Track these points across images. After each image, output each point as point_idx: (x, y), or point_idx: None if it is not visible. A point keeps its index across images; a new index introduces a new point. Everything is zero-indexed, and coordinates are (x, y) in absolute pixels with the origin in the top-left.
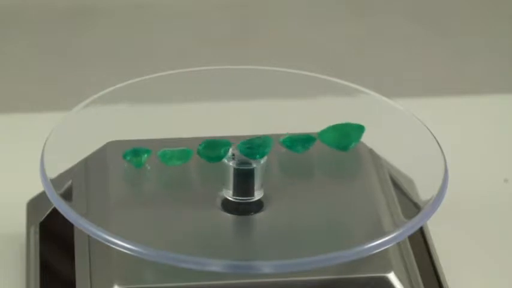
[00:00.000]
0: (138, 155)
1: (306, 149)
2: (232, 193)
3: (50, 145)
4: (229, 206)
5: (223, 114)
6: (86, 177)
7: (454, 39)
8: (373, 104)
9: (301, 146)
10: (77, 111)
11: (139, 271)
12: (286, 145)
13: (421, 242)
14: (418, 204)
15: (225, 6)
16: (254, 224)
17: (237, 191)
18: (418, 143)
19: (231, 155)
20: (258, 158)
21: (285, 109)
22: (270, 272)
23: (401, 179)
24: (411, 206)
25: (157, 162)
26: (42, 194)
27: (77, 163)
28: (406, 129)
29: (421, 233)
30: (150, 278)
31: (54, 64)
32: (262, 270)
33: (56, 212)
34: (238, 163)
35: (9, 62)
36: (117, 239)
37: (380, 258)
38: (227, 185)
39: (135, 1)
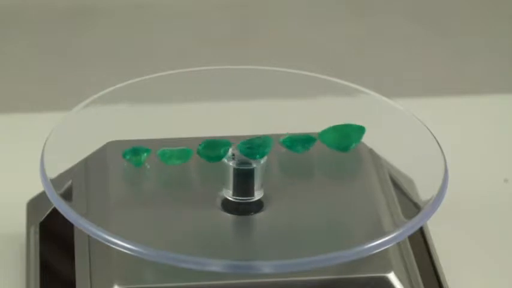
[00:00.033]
0: (138, 154)
1: (306, 149)
2: (232, 193)
3: (50, 145)
4: (229, 206)
5: (223, 114)
6: (86, 177)
7: (454, 39)
8: (373, 104)
9: (301, 147)
10: (77, 111)
11: (139, 271)
12: (286, 145)
13: (421, 242)
14: (418, 204)
15: (225, 6)
16: (254, 224)
17: (237, 191)
18: (418, 143)
19: (231, 155)
20: (258, 158)
21: (285, 109)
22: (270, 272)
23: (401, 179)
24: (411, 206)
25: (157, 162)
26: (42, 194)
27: (77, 163)
28: (406, 129)
29: (421, 233)
30: (150, 278)
31: (54, 64)
32: (262, 270)
33: (56, 212)
34: (238, 163)
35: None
36: (117, 239)
37: (380, 258)
38: (227, 185)
39: (135, 1)
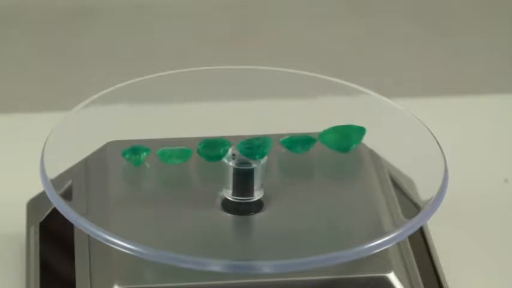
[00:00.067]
0: (137, 153)
1: (305, 150)
2: (232, 193)
3: (50, 145)
4: (229, 206)
5: (223, 114)
6: (86, 177)
7: (454, 39)
8: (373, 104)
9: (301, 147)
10: (77, 111)
11: (139, 271)
12: (286, 146)
13: (421, 242)
14: (418, 204)
15: (225, 6)
16: (254, 224)
17: (237, 191)
18: (418, 143)
19: (231, 155)
20: (257, 159)
21: (285, 109)
22: (270, 272)
23: (401, 179)
24: (411, 206)
25: (157, 162)
26: (42, 194)
27: (77, 163)
28: (406, 129)
29: (421, 233)
30: (150, 278)
31: (54, 64)
32: (262, 270)
33: (56, 212)
34: (238, 163)
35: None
36: (117, 239)
37: (380, 258)
38: (227, 185)
39: (135, 1)
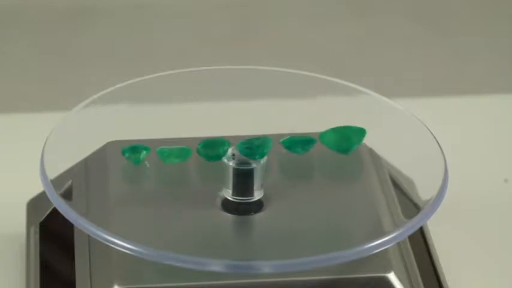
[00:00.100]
0: (137, 151)
1: (305, 150)
2: (232, 193)
3: (50, 145)
4: (229, 205)
5: (223, 114)
6: (86, 177)
7: (454, 39)
8: (373, 104)
9: (301, 148)
10: (77, 111)
11: (139, 271)
12: (286, 146)
13: (421, 242)
14: (418, 204)
15: (225, 6)
16: (254, 224)
17: (237, 191)
18: (418, 143)
19: (231, 155)
20: (257, 159)
21: (285, 109)
22: (270, 272)
23: (401, 179)
24: (411, 206)
25: (157, 162)
26: (42, 194)
27: (77, 163)
28: (406, 129)
29: (421, 233)
30: (150, 278)
31: (54, 64)
32: (262, 270)
33: (56, 212)
34: (238, 163)
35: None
36: (117, 239)
37: (380, 258)
38: (227, 185)
39: (135, 1)
